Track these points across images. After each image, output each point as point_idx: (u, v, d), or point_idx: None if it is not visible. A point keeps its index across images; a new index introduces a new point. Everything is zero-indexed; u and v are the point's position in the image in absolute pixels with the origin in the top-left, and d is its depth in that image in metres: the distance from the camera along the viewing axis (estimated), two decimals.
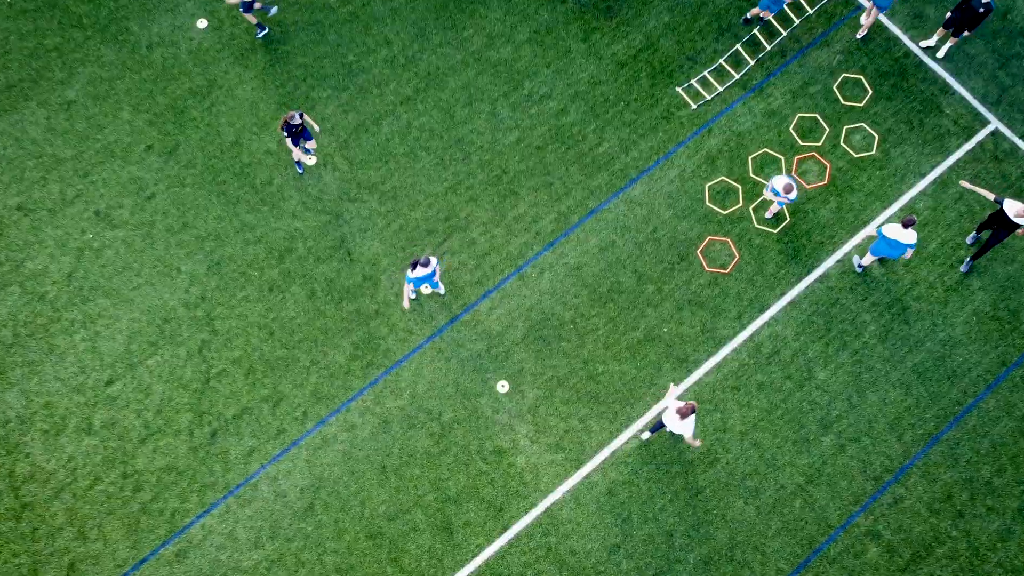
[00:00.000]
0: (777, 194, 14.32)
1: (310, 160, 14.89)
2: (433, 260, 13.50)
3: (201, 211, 15.17)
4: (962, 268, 14.89)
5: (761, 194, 15.42)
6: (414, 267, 13.26)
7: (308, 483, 13.82)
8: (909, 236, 13.63)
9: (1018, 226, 13.73)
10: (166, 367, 14.32)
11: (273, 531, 13.58)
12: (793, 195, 14.09)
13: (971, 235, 14.96)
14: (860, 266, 14.87)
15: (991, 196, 13.71)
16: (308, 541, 13.56)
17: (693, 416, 12.30)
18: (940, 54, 16.11)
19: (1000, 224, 13.93)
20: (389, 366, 14.45)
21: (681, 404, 12.27)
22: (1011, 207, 13.53)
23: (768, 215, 15.14)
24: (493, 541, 13.63)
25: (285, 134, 14.35)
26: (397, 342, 14.56)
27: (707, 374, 14.48)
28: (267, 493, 13.76)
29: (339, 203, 15.29)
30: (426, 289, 14.62)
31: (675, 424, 12.46)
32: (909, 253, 13.84)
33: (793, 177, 14.54)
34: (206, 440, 13.97)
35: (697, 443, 12.78)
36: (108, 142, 15.56)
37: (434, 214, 15.23)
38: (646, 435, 13.82)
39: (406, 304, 13.87)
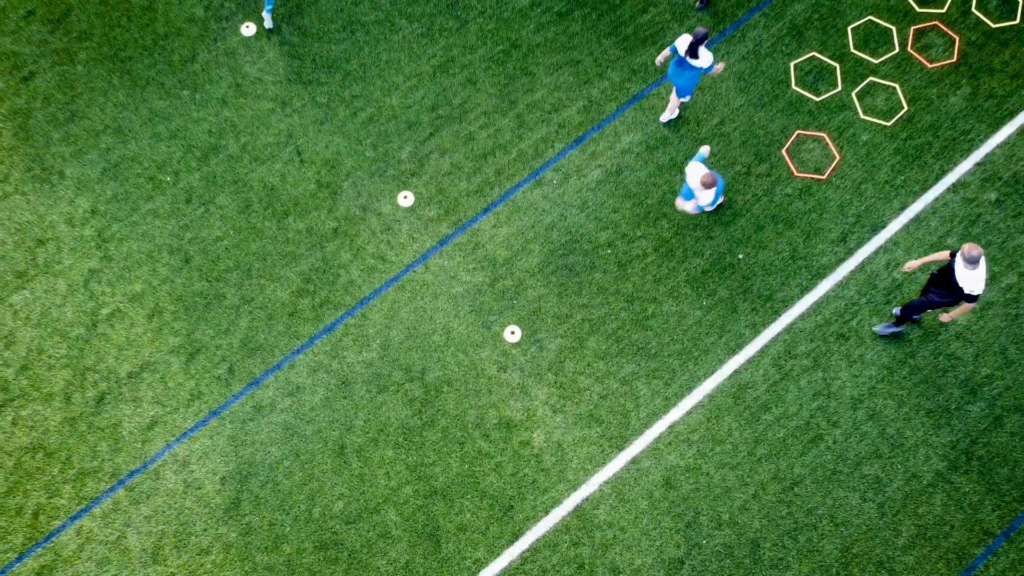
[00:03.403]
0: (689, 197, 9.85)
1: None
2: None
3: (97, 96, 11.00)
4: (877, 329, 10.14)
5: (866, 76, 11.20)
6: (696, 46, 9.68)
7: (233, 469, 9.63)
8: None
9: (962, 296, 8.78)
10: (37, 306, 10.14)
11: (180, 539, 9.38)
12: (710, 195, 9.43)
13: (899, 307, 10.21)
14: None
15: (945, 255, 9.07)
16: (230, 554, 9.35)
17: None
18: None
19: (942, 284, 9.05)
20: (352, 306, 10.26)
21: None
22: (961, 255, 8.56)
23: (690, 209, 10.05)
24: (499, 554, 9.43)
25: None
26: (364, 272, 10.37)
27: (801, 317, 10.26)
28: (173, 484, 9.57)
29: (287, 86, 11.11)
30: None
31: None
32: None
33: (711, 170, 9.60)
34: (89, 408, 9.78)
35: None
36: None
37: (417, 101, 11.06)
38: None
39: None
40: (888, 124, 11.03)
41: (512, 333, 10.17)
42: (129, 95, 11.03)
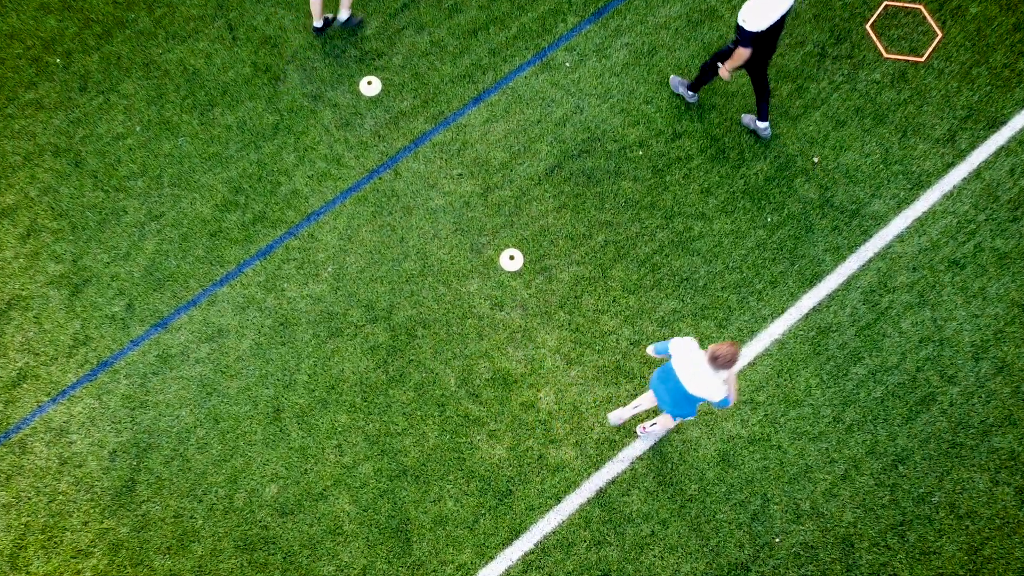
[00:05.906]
0: (680, 411, 6.17)
1: None
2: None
3: None
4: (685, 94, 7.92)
5: None
6: None
7: (127, 440, 7.03)
8: None
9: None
10: None
11: (51, 535, 6.78)
12: (717, 389, 5.78)
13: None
14: None
15: None
16: (119, 556, 6.75)
17: None
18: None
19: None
20: (296, 223, 7.67)
21: None
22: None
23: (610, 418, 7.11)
24: (492, 557, 6.82)
25: None
26: (312, 180, 7.77)
27: (899, 239, 7.66)
28: (45, 459, 6.98)
29: None
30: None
31: None
32: None
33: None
34: None
35: None
36: None
37: None
38: None
39: None
40: None
41: (511, 259, 7.56)
42: None
